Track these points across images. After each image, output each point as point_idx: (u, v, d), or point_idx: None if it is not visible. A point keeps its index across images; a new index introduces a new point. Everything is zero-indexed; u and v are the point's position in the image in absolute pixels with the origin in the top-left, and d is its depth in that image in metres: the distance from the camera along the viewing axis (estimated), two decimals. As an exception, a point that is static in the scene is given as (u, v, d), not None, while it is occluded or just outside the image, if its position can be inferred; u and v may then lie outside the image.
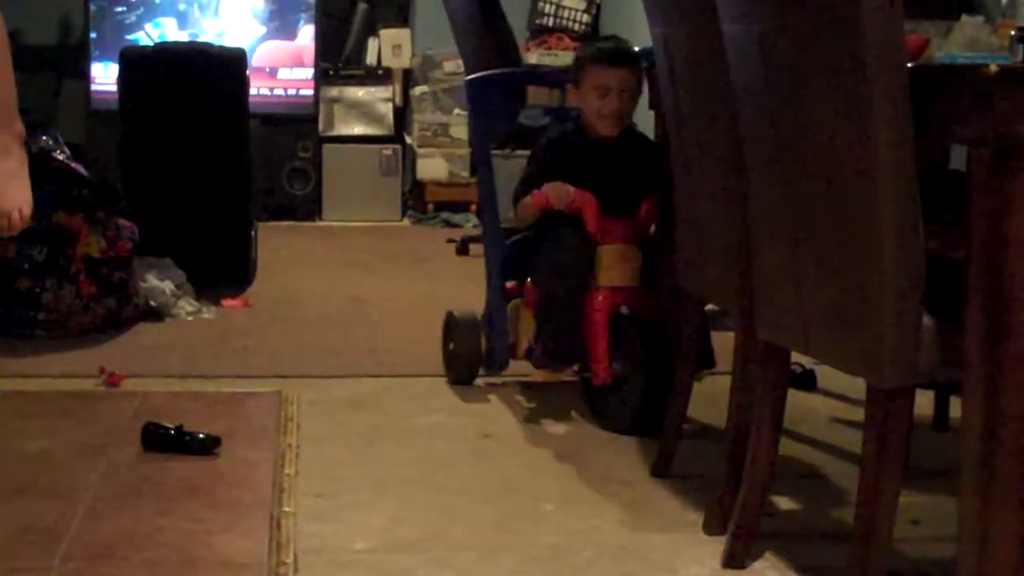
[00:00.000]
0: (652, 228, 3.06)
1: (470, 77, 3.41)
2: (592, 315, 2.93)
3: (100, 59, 6.25)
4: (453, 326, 3.30)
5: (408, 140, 6.64)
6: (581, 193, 2.98)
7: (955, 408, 2.85)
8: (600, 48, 3.15)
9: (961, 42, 2.58)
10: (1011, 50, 2.55)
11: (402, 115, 6.72)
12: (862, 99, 1.71)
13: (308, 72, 6.50)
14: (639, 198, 3.04)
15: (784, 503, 2.46)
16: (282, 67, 6.51)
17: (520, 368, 3.25)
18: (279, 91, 6.50)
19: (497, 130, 3.40)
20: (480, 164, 3.42)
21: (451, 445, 2.82)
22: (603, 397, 2.96)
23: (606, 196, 3.00)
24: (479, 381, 3.30)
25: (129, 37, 6.28)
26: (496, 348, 3.23)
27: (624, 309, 2.95)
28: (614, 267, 2.96)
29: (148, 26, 6.33)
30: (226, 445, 2.69)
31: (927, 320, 1.76)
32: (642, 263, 3.00)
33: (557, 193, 2.99)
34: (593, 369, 2.94)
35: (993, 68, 1.62)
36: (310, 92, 6.50)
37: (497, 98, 3.38)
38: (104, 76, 6.17)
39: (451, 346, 3.32)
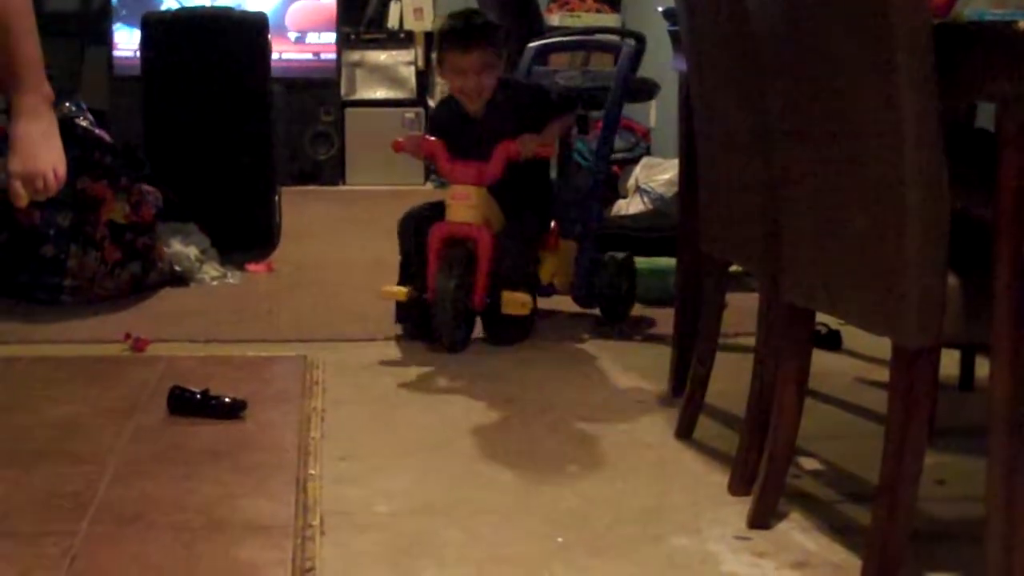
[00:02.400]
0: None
1: None
2: (428, 243, 3.29)
3: (124, 24, 6.25)
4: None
5: (431, 103, 6.61)
6: (428, 142, 3.44)
7: (981, 368, 2.83)
8: (452, 28, 3.41)
9: (989, -2, 2.54)
10: (1041, 6, 2.51)
11: (424, 78, 6.70)
12: (886, 56, 1.69)
13: (330, 36, 6.48)
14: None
15: (809, 463, 2.46)
16: (304, 31, 6.49)
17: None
18: (301, 55, 6.48)
19: None
20: None
21: (474, 408, 2.83)
22: (427, 311, 3.25)
23: (475, 153, 3.33)
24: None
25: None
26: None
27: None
28: (452, 204, 3.33)
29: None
30: (251, 409, 2.71)
31: (952, 280, 1.75)
32: (486, 202, 3.31)
33: (410, 140, 3.65)
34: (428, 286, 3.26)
35: (1023, 24, 1.60)
36: (332, 56, 6.47)
37: None
38: (127, 42, 6.16)
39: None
